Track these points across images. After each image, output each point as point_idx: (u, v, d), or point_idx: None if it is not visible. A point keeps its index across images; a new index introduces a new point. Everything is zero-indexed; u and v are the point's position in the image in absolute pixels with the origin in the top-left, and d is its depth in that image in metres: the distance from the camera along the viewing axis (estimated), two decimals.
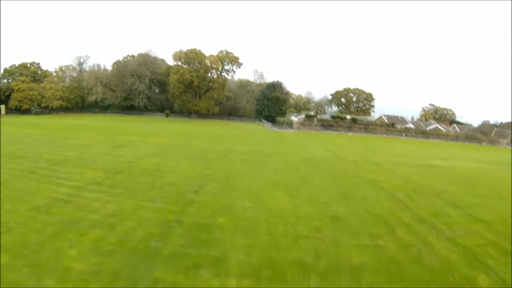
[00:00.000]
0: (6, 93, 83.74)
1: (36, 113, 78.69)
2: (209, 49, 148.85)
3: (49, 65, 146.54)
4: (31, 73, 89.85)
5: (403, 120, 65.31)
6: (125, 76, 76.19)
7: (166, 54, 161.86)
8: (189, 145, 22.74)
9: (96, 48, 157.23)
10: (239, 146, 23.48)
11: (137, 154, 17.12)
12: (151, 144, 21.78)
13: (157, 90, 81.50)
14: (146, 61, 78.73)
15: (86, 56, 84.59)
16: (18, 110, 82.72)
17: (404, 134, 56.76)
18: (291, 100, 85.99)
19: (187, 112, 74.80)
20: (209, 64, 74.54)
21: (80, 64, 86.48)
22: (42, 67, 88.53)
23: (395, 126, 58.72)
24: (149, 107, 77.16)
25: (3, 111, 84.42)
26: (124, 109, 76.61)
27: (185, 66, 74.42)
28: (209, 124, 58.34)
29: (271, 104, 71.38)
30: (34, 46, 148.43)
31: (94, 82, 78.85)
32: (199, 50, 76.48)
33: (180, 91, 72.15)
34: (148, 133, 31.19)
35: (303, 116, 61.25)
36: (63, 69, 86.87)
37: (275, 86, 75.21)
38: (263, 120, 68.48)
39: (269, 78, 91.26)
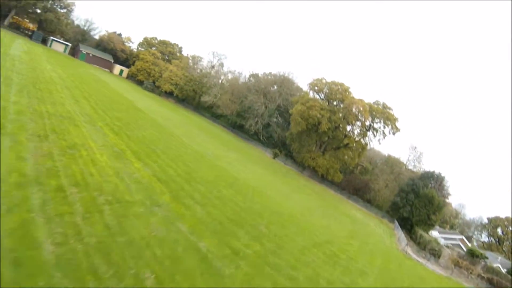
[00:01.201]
0: (134, 60, 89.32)
1: (146, 88, 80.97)
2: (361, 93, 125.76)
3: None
4: (167, 51, 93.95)
5: None
6: (251, 91, 72.36)
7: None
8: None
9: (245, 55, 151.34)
10: None
11: None
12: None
13: (279, 120, 72.03)
14: (281, 83, 71.82)
15: (223, 55, 73.84)
16: (133, 78, 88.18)
17: None
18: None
19: (300, 162, 64.11)
20: (354, 110, 60.10)
21: (215, 59, 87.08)
22: (182, 52, 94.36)
23: None
24: (261, 137, 70.16)
25: (124, 74, 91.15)
26: (233, 125, 73.49)
27: (320, 99, 64.30)
28: (322, 194, 47.74)
29: (418, 204, 54.60)
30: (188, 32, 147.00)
31: (218, 84, 78.44)
32: (348, 87, 64.09)
33: (300, 129, 61.00)
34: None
35: (451, 236, 40.97)
36: (196, 58, 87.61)
37: (433, 180, 58.78)
38: (396, 223, 54.32)
39: (427, 165, 64.95)
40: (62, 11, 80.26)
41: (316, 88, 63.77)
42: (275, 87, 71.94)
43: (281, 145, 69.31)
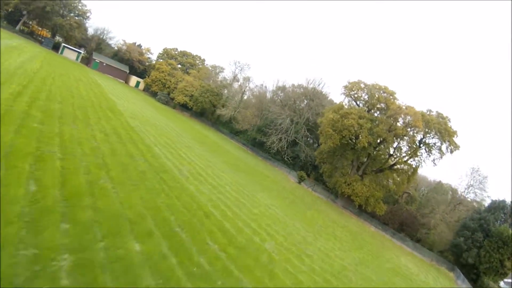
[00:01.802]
0: (151, 71, 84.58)
1: (159, 100, 75.72)
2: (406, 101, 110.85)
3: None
4: (187, 63, 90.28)
5: None
6: (275, 103, 65.26)
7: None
8: None
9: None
10: None
11: None
12: None
13: (307, 136, 62.01)
14: (312, 95, 62.45)
15: (246, 65, 67.24)
16: (147, 90, 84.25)
17: None
18: None
19: (332, 189, 52.73)
20: (403, 121, 48.03)
21: (237, 69, 79.67)
22: (206, 63, 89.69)
23: None
24: (285, 157, 59.65)
25: (141, 85, 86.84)
26: (253, 143, 64.72)
27: (357, 106, 52.77)
28: (360, 235, 35.48)
29: (488, 246, 42.20)
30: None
31: (238, 96, 71.66)
32: (393, 91, 51.84)
33: (331, 145, 49.33)
34: None
35: None
36: (216, 68, 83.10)
37: (504, 212, 46.22)
38: (457, 272, 41.99)
39: (493, 193, 68.28)
40: (76, 17, 77.86)
41: (353, 93, 51.42)
42: (305, 101, 62.84)
43: (310, 167, 59.32)
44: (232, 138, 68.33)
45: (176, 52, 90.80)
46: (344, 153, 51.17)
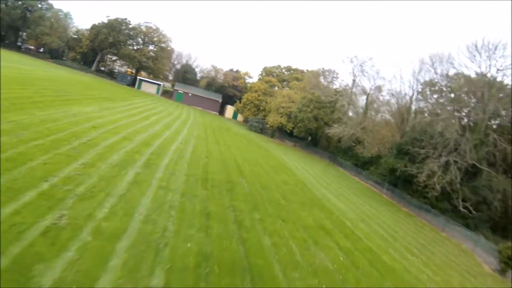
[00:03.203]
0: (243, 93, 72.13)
1: (251, 127, 60.54)
2: None
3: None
4: (291, 79, 71.95)
5: None
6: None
7: None
8: None
9: None
10: None
11: None
12: None
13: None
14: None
15: (368, 59, 52.46)
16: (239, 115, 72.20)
17: None
18: None
19: None
20: None
21: (355, 68, 53.77)
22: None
23: None
24: (461, 206, 30.63)
25: (240, 117, 71.58)
26: (392, 179, 36.72)
27: None
28: None
29: None
30: None
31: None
32: None
33: None
34: None
35: None
36: (326, 74, 60.48)
37: None
38: None
39: None
40: (153, 47, 71.06)
41: None
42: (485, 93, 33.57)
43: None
44: (358, 174, 42.54)
45: (279, 70, 74.13)
46: None
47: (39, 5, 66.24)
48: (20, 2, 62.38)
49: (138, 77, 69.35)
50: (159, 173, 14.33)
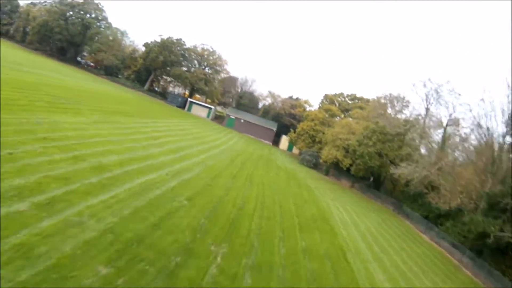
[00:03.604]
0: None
1: (303, 161, 51.79)
2: None
3: None
4: (355, 108, 63.84)
5: None
6: None
7: None
8: None
9: None
10: None
11: None
12: None
13: None
14: None
15: (445, 82, 43.92)
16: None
17: None
18: None
19: None
20: None
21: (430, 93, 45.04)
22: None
23: None
24: None
25: (282, 143, 68.26)
26: (481, 247, 25.38)
27: None
28: None
29: None
30: None
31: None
32: None
33: None
34: None
35: None
36: (393, 100, 50.61)
37: None
38: None
39: None
40: (207, 69, 68.84)
41: None
42: None
43: None
44: (428, 229, 31.98)
45: (341, 99, 66.32)
46: None
47: (98, 23, 68.27)
48: (79, 19, 64.60)
49: (189, 99, 66.48)
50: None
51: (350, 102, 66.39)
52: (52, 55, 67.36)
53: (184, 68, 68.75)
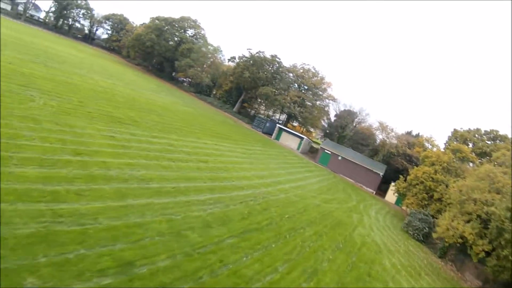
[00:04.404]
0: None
1: (409, 228, 34.77)
2: None
3: None
4: (493, 149, 46.82)
5: None
6: None
7: None
8: None
9: None
10: None
11: None
12: None
13: None
14: None
15: None
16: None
17: None
18: None
19: None
20: None
21: None
22: None
23: None
24: None
25: (390, 194, 50.83)
26: None
27: None
28: None
29: None
30: None
31: None
32: None
33: None
34: None
35: None
36: None
37: None
38: None
39: None
40: (306, 93, 58.65)
41: None
42: None
43: None
44: None
45: (476, 136, 48.13)
46: None
47: (195, 40, 66.16)
48: (173, 35, 64.02)
49: (278, 125, 56.27)
50: None
51: (488, 142, 47.40)
52: (151, 71, 68.30)
53: (274, 89, 58.75)
